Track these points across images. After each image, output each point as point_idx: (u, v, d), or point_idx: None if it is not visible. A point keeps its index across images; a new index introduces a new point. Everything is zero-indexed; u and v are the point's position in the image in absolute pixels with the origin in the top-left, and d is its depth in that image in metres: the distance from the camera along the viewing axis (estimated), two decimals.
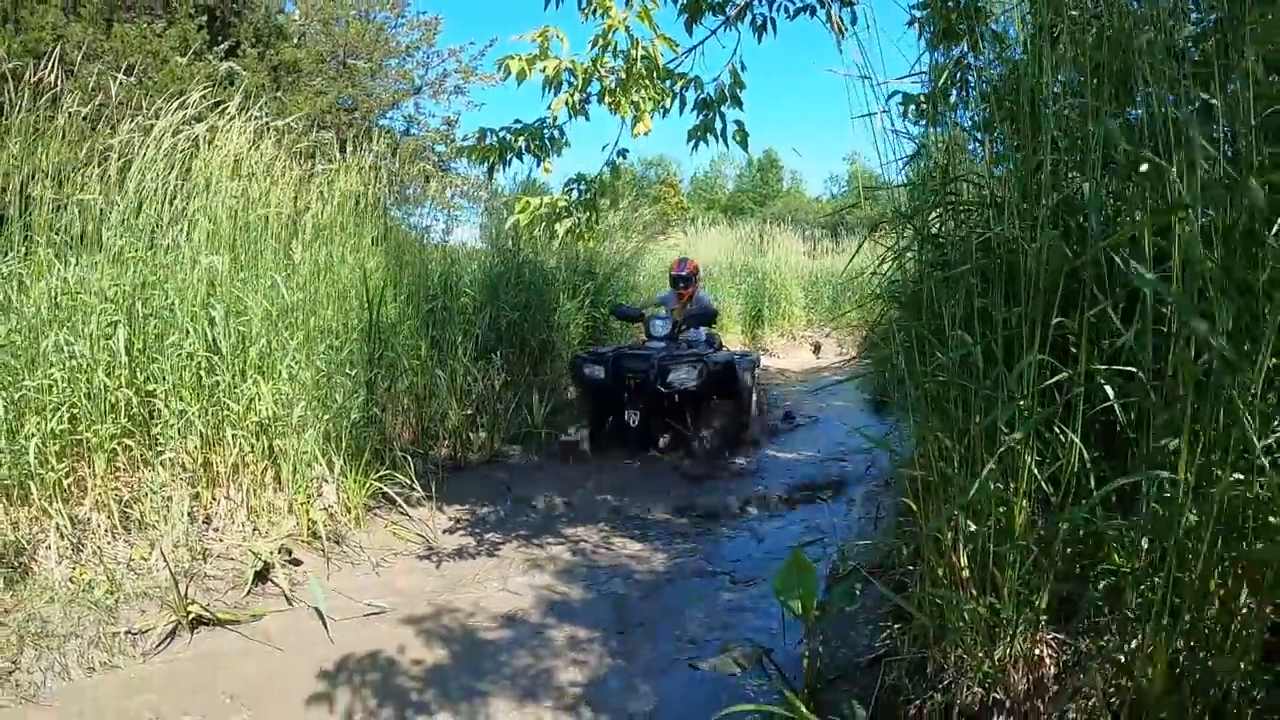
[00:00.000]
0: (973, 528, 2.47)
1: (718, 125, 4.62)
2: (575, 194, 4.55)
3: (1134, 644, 2.07)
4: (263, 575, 4.52)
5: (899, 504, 3.51)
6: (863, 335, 10.83)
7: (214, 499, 4.96)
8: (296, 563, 4.78)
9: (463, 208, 11.85)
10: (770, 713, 2.78)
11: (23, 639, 3.76)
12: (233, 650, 4.03)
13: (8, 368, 4.45)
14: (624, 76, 3.93)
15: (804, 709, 2.61)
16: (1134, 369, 2.08)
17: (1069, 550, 2.36)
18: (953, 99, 3.10)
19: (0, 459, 4.23)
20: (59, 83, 4.94)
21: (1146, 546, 2.02)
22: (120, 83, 5.24)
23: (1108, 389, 2.13)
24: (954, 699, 2.52)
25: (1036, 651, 2.36)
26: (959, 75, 3.01)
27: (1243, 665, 1.92)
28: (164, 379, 4.87)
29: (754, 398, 8.96)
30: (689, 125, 4.62)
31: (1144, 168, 2.11)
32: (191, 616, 4.11)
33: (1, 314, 4.58)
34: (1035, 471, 2.30)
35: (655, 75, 4.00)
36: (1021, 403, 2.27)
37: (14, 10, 9.34)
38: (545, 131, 4.41)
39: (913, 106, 3.24)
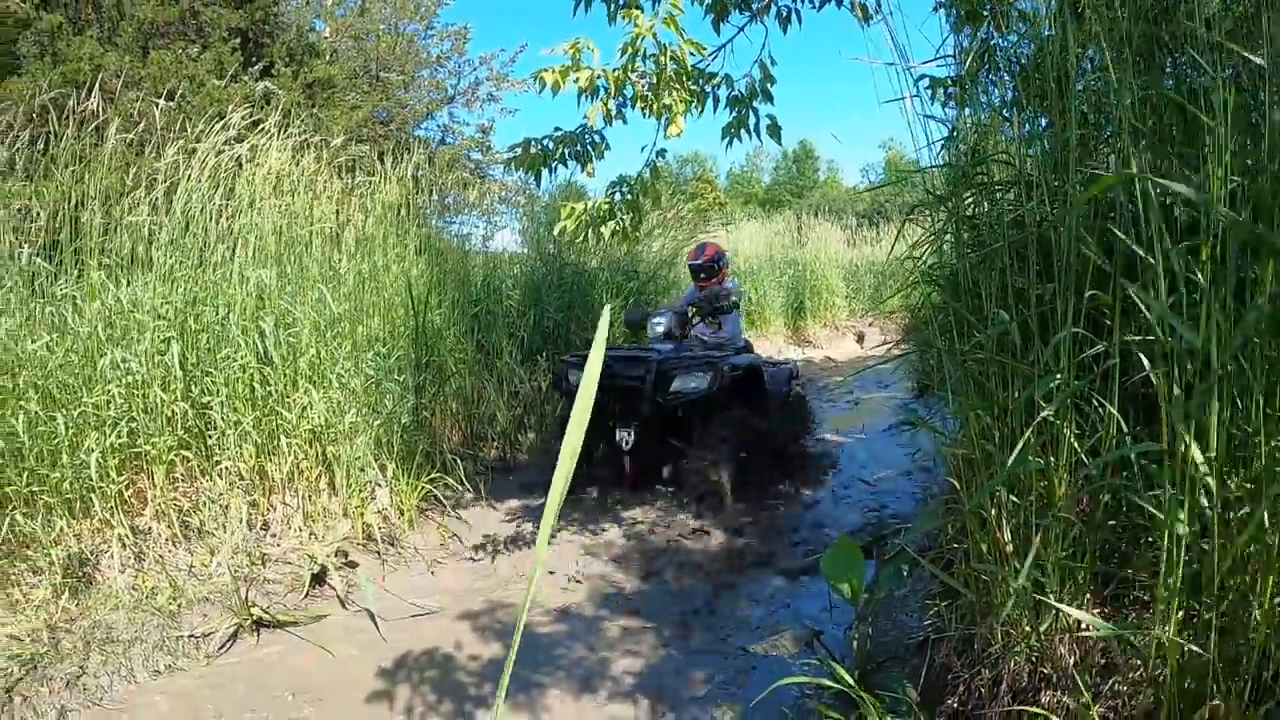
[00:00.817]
0: (1015, 502, 2.50)
1: (750, 121, 4.66)
2: (617, 196, 4.61)
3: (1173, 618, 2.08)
4: (320, 578, 4.63)
5: (944, 484, 3.54)
6: (905, 322, 10.80)
7: (270, 505, 5.08)
8: (352, 565, 4.88)
9: (502, 213, 11.94)
10: (821, 685, 2.82)
11: (89, 645, 3.89)
12: (293, 651, 4.14)
13: (67, 386, 4.59)
14: (655, 81, 3.99)
15: (853, 683, 2.63)
16: (1168, 339, 2.09)
17: (1111, 524, 2.38)
18: (981, 80, 3.11)
19: (63, 474, 4.36)
20: (101, 111, 5.08)
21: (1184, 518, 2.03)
22: (161, 108, 5.37)
23: (1144, 359, 2.14)
24: (1001, 674, 2.55)
25: (1084, 625, 2.38)
26: (986, 56, 3.03)
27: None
28: (218, 391, 5.00)
29: (797, 412, 7.67)
30: (722, 122, 4.67)
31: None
32: (252, 619, 4.22)
33: (59, 334, 4.73)
34: (1075, 444, 2.32)
35: (685, 78, 4.07)
36: (1058, 376, 2.29)
37: (51, 43, 9.53)
38: (585, 137, 4.49)
39: (941, 90, 3.27)
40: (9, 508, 4.16)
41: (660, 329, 6.89)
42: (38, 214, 4.92)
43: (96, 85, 5.12)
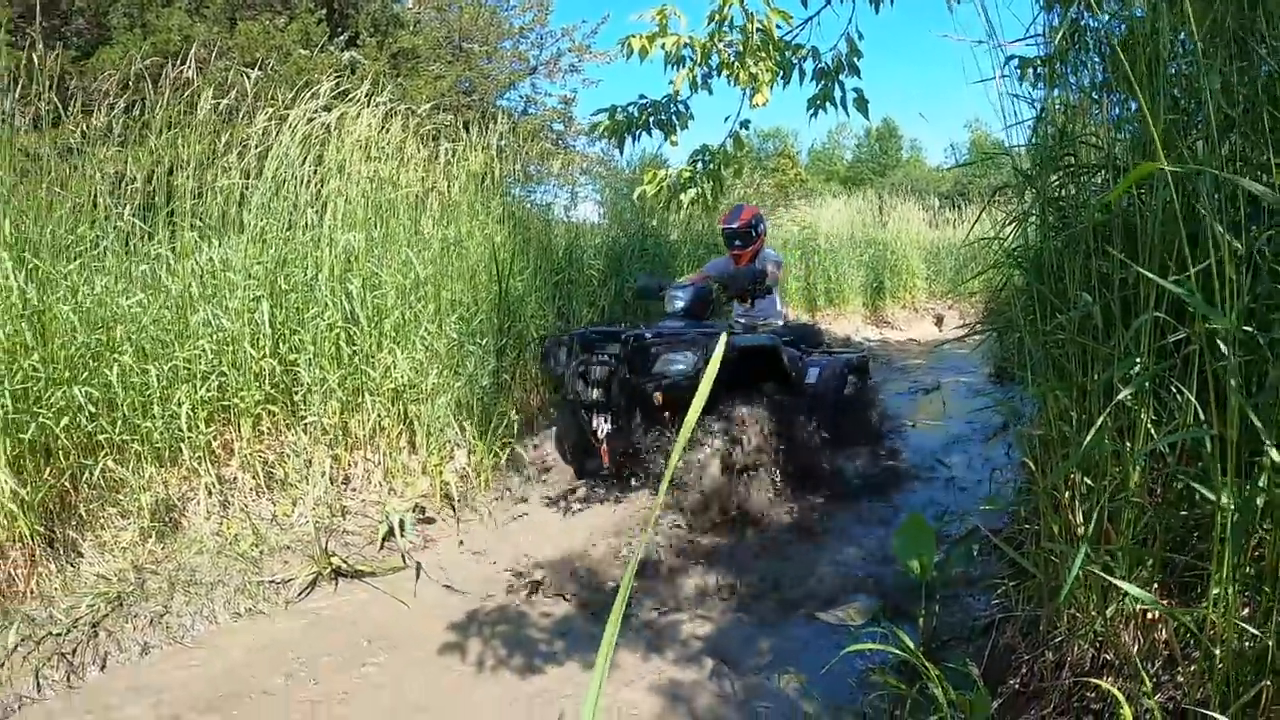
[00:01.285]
0: (1089, 485, 2.50)
1: (836, 94, 4.65)
2: (700, 165, 4.64)
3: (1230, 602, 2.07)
4: (397, 532, 4.76)
5: (1019, 465, 3.54)
6: (984, 307, 10.66)
7: (352, 461, 5.27)
8: (429, 521, 5.03)
9: (583, 184, 12.01)
10: (891, 651, 2.85)
11: (173, 586, 4.10)
12: (369, 600, 4.30)
13: (159, 341, 4.79)
14: (741, 50, 4.01)
15: (920, 655, 2.66)
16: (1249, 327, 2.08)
17: (1183, 513, 2.37)
18: (1070, 61, 3.08)
19: (153, 424, 4.56)
20: (194, 80, 5.25)
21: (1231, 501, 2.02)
22: (250, 78, 5.54)
23: (1223, 346, 2.13)
24: (1065, 658, 2.55)
25: (1149, 613, 2.38)
26: (1075, 36, 3.00)
27: None
28: (305, 349, 5.19)
29: (859, 413, 6.57)
30: (806, 95, 4.67)
31: None
32: (331, 568, 4.40)
33: (152, 292, 4.94)
34: (1151, 430, 2.32)
35: (772, 47, 4.07)
36: (1138, 360, 2.28)
37: (140, 15, 9.75)
38: (670, 106, 4.51)
39: (1030, 70, 3.24)
40: (101, 455, 4.36)
41: (680, 304, 6.09)
42: (134, 178, 5.11)
43: (189, 55, 5.27)
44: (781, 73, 4.27)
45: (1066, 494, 2.58)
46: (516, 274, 6.87)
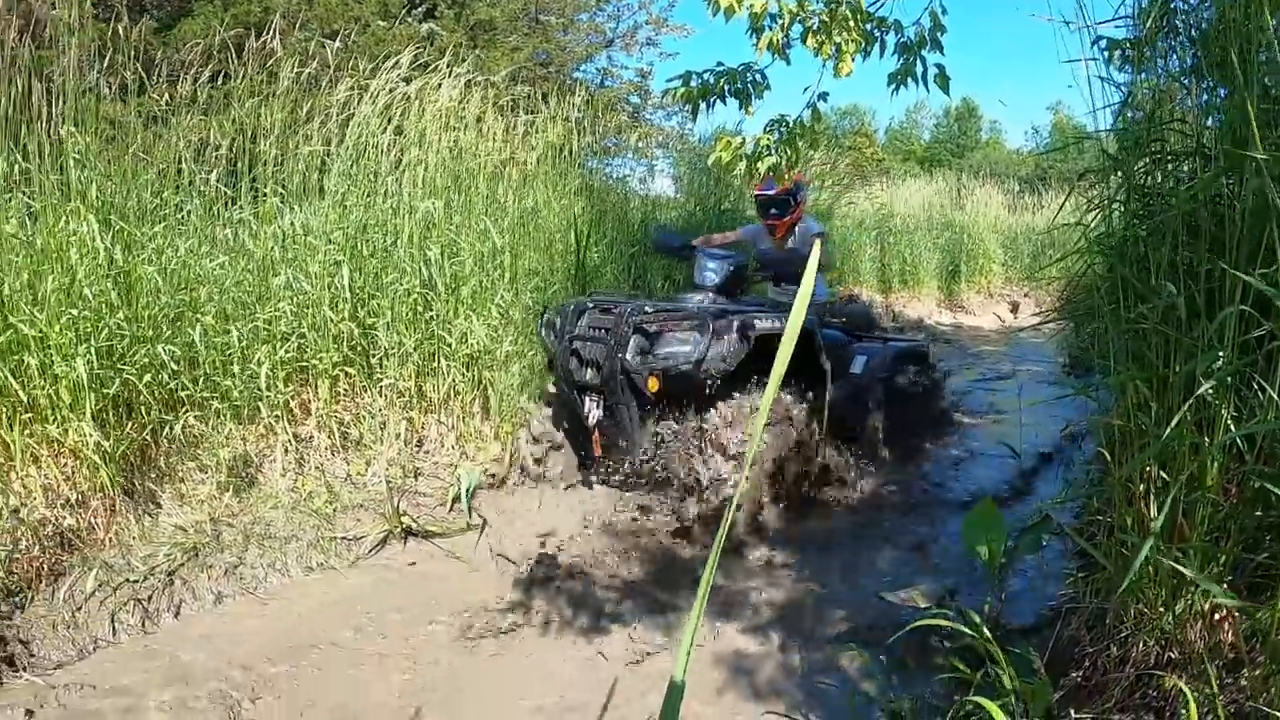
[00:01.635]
0: (1164, 478, 2.46)
1: (918, 69, 4.58)
2: (776, 135, 4.60)
3: None
4: (463, 497, 4.83)
5: (1094, 455, 3.49)
6: (1061, 295, 10.45)
7: (426, 424, 5.39)
8: (500, 485, 5.10)
9: (659, 158, 11.99)
10: (958, 630, 2.84)
11: (248, 539, 4.23)
12: (437, 559, 4.41)
13: (241, 302, 4.93)
14: (827, 19, 3.96)
15: (991, 641, 2.64)
16: None
17: (1259, 514, 2.32)
18: (1160, 44, 3.01)
19: (233, 382, 4.70)
20: (276, 50, 5.35)
21: None
22: (330, 48, 5.63)
23: None
24: (1129, 653, 2.53)
25: (1216, 612, 2.34)
26: (1166, 19, 2.92)
27: None
28: (383, 313, 5.30)
29: (922, 412, 6.14)
30: (885, 71, 4.60)
31: None
32: (402, 527, 4.51)
33: (234, 255, 5.08)
34: (1230, 425, 2.27)
35: (858, 17, 4.02)
36: (1221, 354, 2.24)
37: None
38: (747, 75, 4.48)
39: (1119, 52, 3.17)
40: (182, 411, 4.51)
41: (712, 278, 5.35)
42: (218, 145, 5.24)
43: (272, 27, 5.36)
44: (865, 44, 4.21)
45: (1141, 486, 2.55)
46: (593, 244, 6.89)
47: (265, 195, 5.26)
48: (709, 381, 4.61)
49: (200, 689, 3.22)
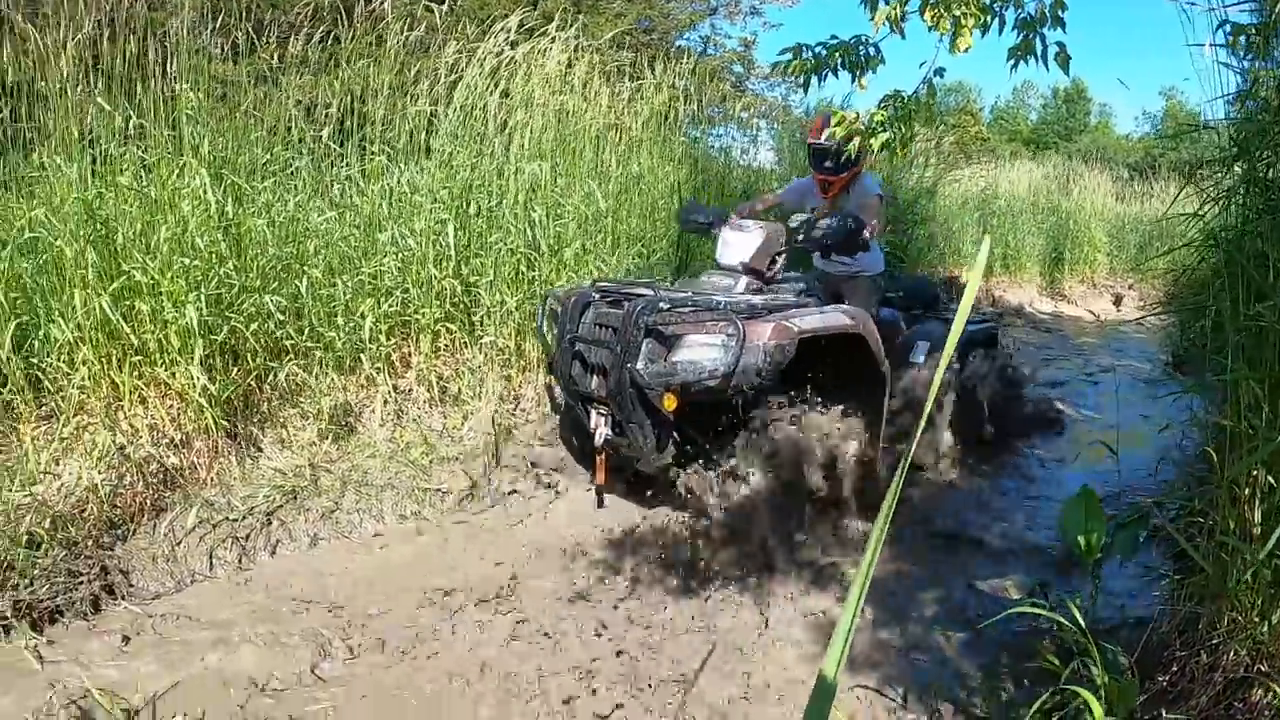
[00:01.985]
0: (1271, 483, 2.40)
1: (1038, 47, 4.47)
2: (891, 111, 4.53)
3: None
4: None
5: (1197, 454, 3.40)
6: (1168, 288, 10.13)
7: (524, 382, 5.46)
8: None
9: (761, 129, 11.89)
10: (1057, 621, 2.80)
11: (345, 485, 4.37)
12: (530, 513, 4.49)
13: (347, 257, 5.05)
14: None
15: (1089, 635, 2.61)
16: None
17: None
18: None
19: (337, 333, 4.82)
20: (387, 13, 5.44)
21: None
22: (438, 12, 5.72)
23: None
24: (1219, 660, 2.48)
25: None
26: None
27: None
28: (486, 272, 5.41)
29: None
30: (994, 48, 4.51)
31: None
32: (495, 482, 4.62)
33: (342, 210, 5.20)
34: None
35: None
36: None
37: None
38: (860, 49, 4.42)
39: (1242, 38, 3.04)
40: (286, 359, 4.66)
41: (734, 257, 4.56)
42: (328, 104, 5.36)
43: None
44: (983, 19, 4.12)
45: (1246, 490, 2.48)
46: None
47: (373, 153, 5.36)
48: (739, 398, 3.95)
49: (292, 626, 3.34)
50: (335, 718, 2.84)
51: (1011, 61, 4.48)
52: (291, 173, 5.14)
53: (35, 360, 4.02)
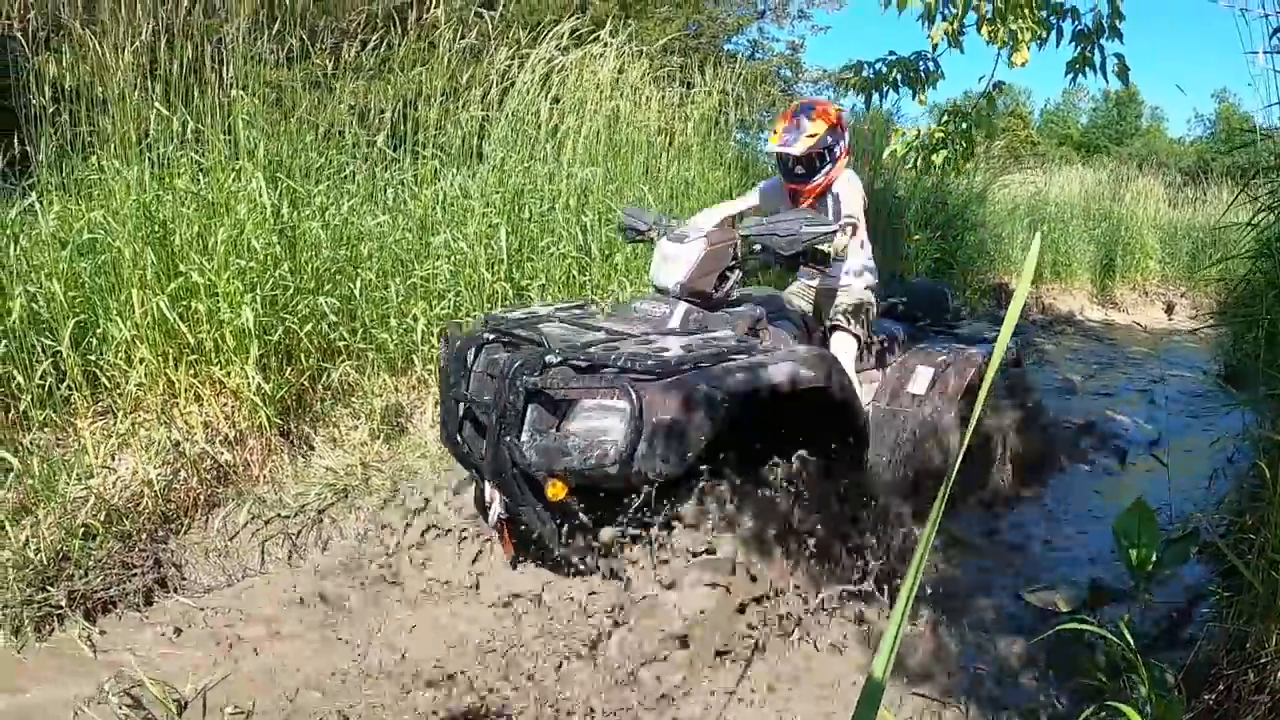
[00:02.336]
0: None
1: (1096, 58, 4.44)
2: (951, 126, 4.53)
3: None
4: None
5: (1250, 469, 3.36)
6: (1220, 299, 9.96)
7: None
8: None
9: None
10: (1107, 637, 2.78)
11: (395, 484, 4.39)
12: None
13: (401, 260, 5.11)
14: (1001, 5, 3.89)
15: (1138, 652, 2.59)
16: None
17: None
18: None
19: (390, 335, 4.89)
20: (439, 21, 5.52)
21: None
22: (488, 18, 5.81)
23: None
24: (1266, 680, 2.45)
25: None
26: None
27: None
28: (537, 276, 5.45)
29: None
30: (1045, 52, 4.48)
31: None
32: None
33: (396, 214, 5.28)
34: None
35: (1033, 4, 3.93)
36: None
37: None
38: (919, 64, 4.42)
39: None
40: (339, 360, 4.74)
41: (671, 278, 3.56)
42: (383, 109, 5.45)
43: None
44: (1040, 33, 4.11)
45: None
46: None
47: (425, 158, 5.44)
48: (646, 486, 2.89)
49: (342, 621, 3.37)
50: (383, 714, 2.87)
51: (1070, 76, 4.48)
52: (345, 176, 5.23)
53: (93, 358, 4.12)
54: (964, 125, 4.47)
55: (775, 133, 4.06)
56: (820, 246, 3.52)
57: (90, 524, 3.53)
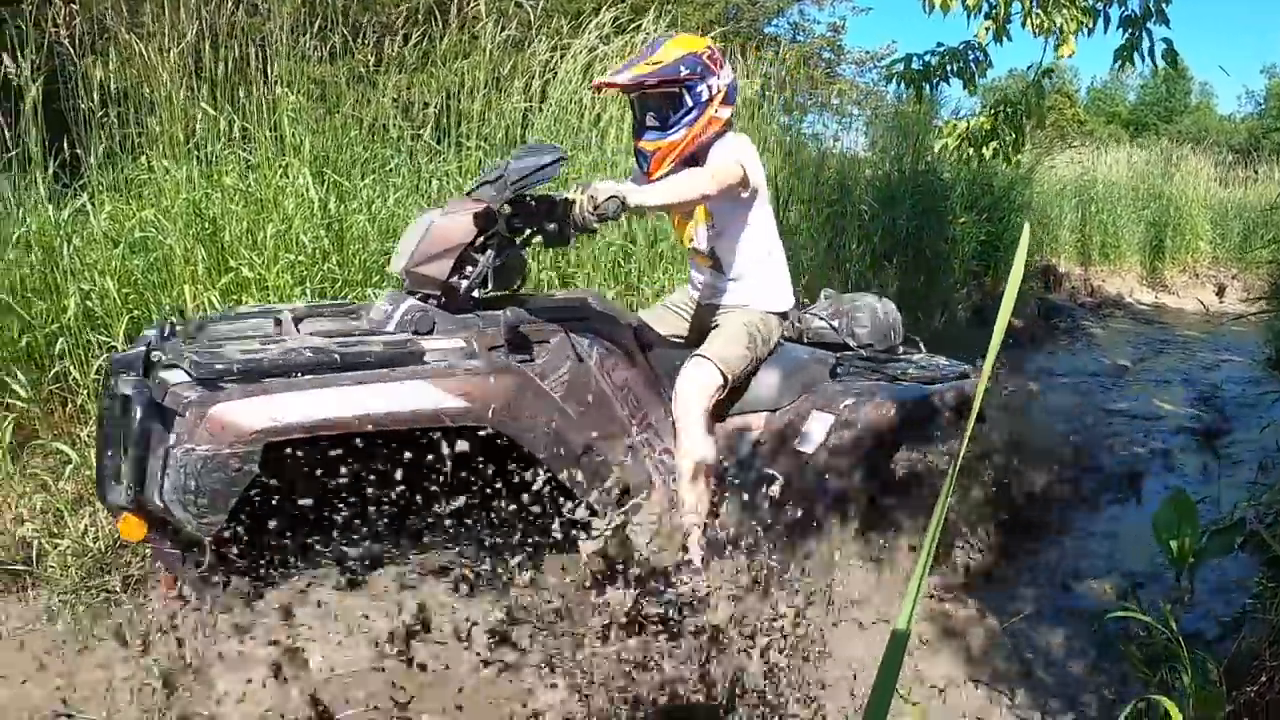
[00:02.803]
0: None
1: (1144, 44, 4.40)
2: (1000, 115, 4.51)
3: None
4: None
5: None
6: (1272, 281, 9.79)
7: None
8: None
9: (853, 116, 11.78)
10: (1151, 625, 2.78)
11: None
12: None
13: None
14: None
15: (1183, 644, 2.59)
16: None
17: None
18: None
19: None
20: (481, 14, 5.58)
21: None
22: (529, 8, 5.86)
23: None
24: None
25: None
26: None
27: None
28: (584, 264, 5.49)
29: None
30: (1103, 41, 4.44)
31: None
32: None
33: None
34: None
35: None
36: None
37: None
38: (968, 55, 4.40)
39: None
40: None
41: (399, 261, 2.87)
42: (426, 102, 5.52)
43: None
44: (1087, 20, 4.07)
45: None
46: (788, 203, 6.90)
47: (469, 149, 5.48)
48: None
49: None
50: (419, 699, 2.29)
51: (1117, 63, 4.43)
52: (390, 170, 5.27)
53: None
54: (1013, 113, 4.43)
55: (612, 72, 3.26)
56: (582, 207, 2.65)
57: None
